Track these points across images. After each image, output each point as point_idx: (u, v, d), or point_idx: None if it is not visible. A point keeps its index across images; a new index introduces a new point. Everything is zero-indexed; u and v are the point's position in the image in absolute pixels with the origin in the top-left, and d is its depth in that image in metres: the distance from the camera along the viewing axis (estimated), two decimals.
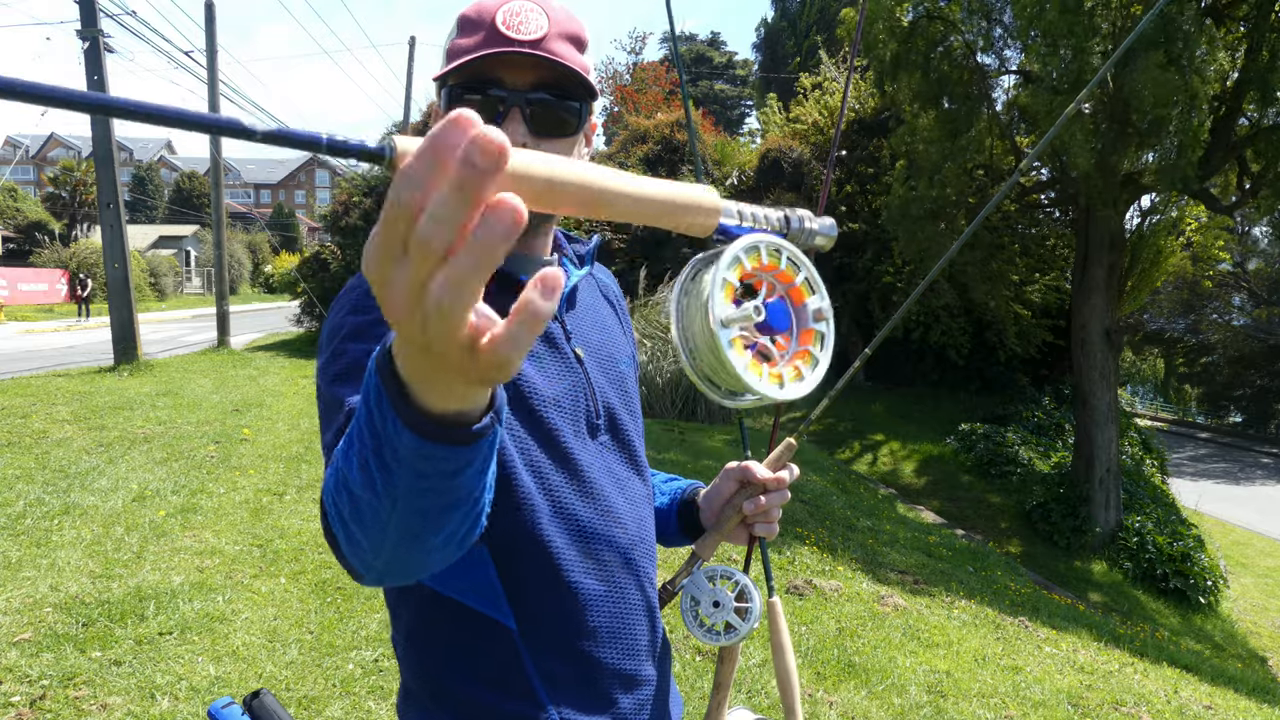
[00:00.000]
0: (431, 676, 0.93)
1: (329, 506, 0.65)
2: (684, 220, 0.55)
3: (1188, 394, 32.09)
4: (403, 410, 0.49)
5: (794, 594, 4.77)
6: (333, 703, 2.97)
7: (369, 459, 0.54)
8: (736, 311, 0.66)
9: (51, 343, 16.31)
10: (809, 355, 0.70)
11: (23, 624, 3.37)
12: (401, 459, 0.51)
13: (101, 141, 10.85)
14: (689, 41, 41.14)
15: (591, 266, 1.09)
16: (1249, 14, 9.42)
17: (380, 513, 0.57)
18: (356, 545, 0.63)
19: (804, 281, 0.71)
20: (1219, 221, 14.07)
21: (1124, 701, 4.11)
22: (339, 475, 0.61)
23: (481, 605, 0.90)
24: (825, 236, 0.69)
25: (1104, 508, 11.08)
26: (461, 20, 0.92)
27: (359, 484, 0.57)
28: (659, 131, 16.99)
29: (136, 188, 54.62)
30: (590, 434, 0.97)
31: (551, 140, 0.92)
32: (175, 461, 6.03)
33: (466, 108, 0.38)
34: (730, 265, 0.66)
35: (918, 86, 11.02)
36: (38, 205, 39.72)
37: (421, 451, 0.50)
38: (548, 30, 0.89)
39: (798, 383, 0.69)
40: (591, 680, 0.93)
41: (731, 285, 0.66)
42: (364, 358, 0.80)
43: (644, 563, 1.00)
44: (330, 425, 0.79)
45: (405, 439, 0.50)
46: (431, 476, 0.53)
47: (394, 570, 0.64)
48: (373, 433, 0.53)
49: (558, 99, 0.91)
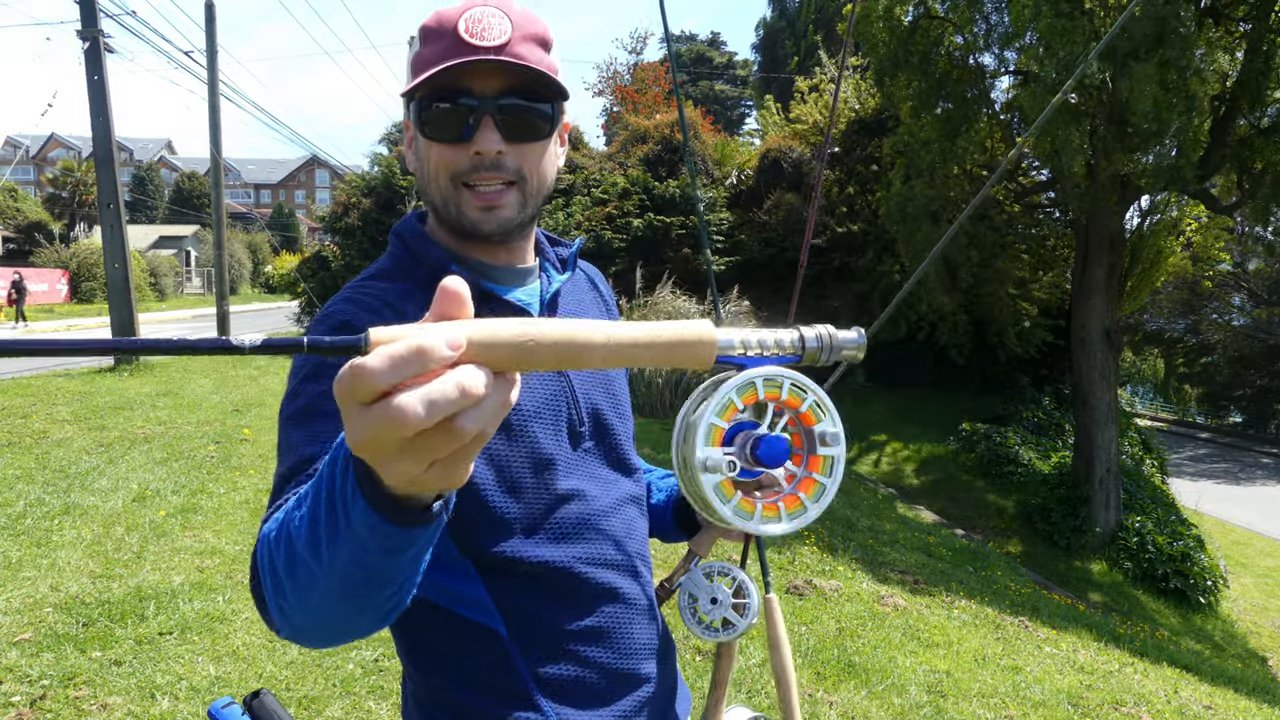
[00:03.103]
0: (431, 683, 0.94)
1: (262, 556, 0.67)
2: (677, 358, 0.54)
3: (1188, 394, 32.07)
4: (364, 485, 0.51)
5: (794, 594, 4.77)
6: (333, 703, 2.97)
7: (320, 517, 0.56)
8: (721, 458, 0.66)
9: None
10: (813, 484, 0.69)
11: (23, 624, 3.37)
12: (353, 526, 0.53)
13: (101, 142, 10.86)
14: (689, 41, 41.13)
15: (574, 270, 1.08)
16: (1249, 14, 9.42)
17: (315, 574, 0.59)
18: (282, 595, 0.64)
19: (811, 406, 0.69)
20: (1219, 221, 14.06)
21: (1124, 701, 4.11)
22: (284, 527, 0.63)
23: (472, 614, 0.91)
24: (853, 349, 0.66)
25: (1104, 508, 11.08)
26: (423, 31, 0.90)
27: (304, 540, 0.59)
28: (659, 132, 16.98)
29: (136, 188, 54.63)
30: (573, 441, 0.97)
31: (525, 144, 0.91)
32: (175, 461, 6.04)
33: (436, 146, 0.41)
34: (720, 409, 0.65)
35: (916, 86, 11.03)
36: (38, 205, 39.74)
37: (370, 523, 0.52)
38: (511, 34, 0.88)
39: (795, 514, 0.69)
40: (589, 681, 0.94)
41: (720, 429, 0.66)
42: (319, 400, 0.81)
43: (635, 563, 1.01)
44: (283, 461, 0.81)
45: (359, 509, 0.52)
46: (373, 552, 0.55)
47: (310, 629, 0.66)
48: (330, 493, 0.55)
49: (528, 103, 0.90)
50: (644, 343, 0.53)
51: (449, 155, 0.90)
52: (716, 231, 15.41)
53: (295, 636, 0.68)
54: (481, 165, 0.90)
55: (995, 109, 11.64)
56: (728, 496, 0.67)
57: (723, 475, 0.66)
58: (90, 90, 10.63)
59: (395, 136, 18.15)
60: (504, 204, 0.92)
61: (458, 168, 0.90)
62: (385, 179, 15.76)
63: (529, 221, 0.97)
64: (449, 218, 0.93)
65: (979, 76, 11.18)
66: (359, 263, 15.09)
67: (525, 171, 0.92)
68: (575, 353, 0.50)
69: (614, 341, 0.51)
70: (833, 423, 0.69)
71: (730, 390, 0.66)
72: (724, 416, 0.66)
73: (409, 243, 0.98)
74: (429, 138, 0.91)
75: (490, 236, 0.94)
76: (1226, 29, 9.62)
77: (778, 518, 0.68)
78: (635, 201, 15.28)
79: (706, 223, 14.97)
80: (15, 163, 46.75)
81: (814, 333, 0.65)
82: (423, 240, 0.98)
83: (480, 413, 0.45)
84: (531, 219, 0.98)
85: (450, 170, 0.91)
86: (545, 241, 1.08)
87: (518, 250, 1.01)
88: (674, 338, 0.54)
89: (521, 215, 0.94)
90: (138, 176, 56.81)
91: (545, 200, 0.99)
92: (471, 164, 0.90)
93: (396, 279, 0.96)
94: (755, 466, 0.69)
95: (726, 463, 0.66)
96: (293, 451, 0.80)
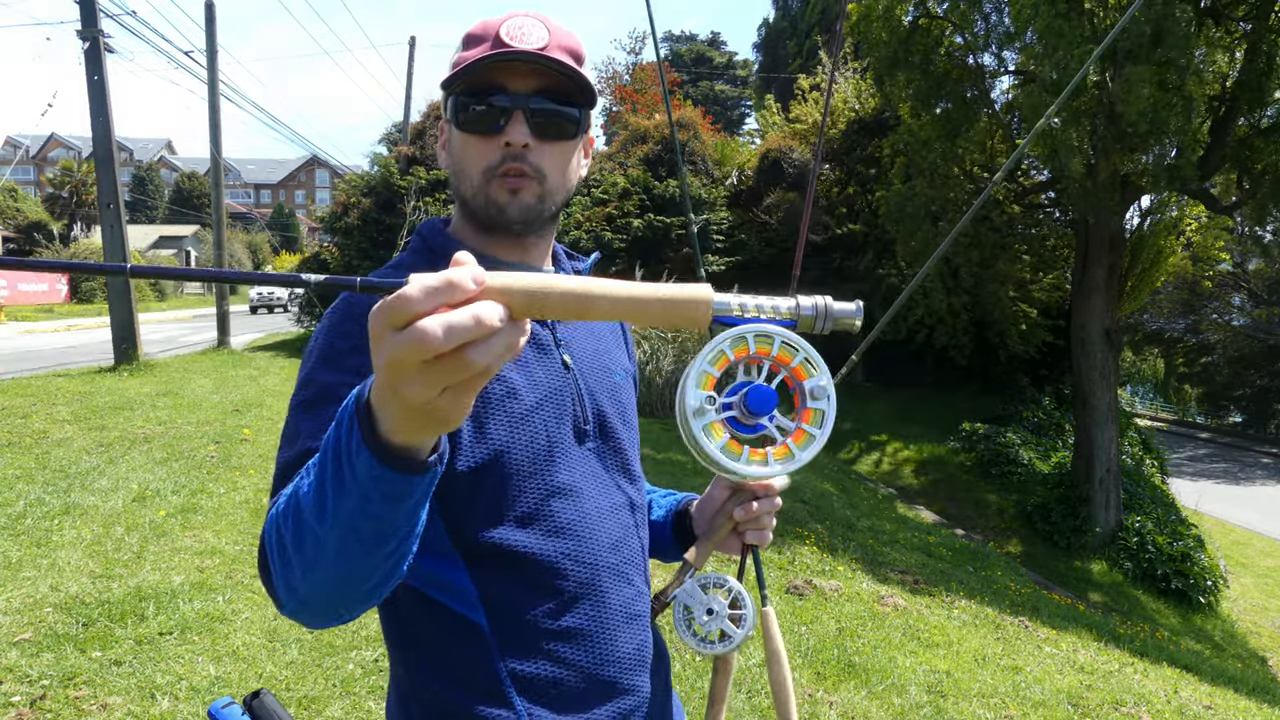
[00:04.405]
0: (411, 674, 0.94)
1: (270, 534, 0.72)
2: (675, 315, 0.59)
3: (1188, 394, 32.08)
4: (368, 436, 0.58)
5: (794, 594, 4.77)
6: (333, 703, 2.97)
7: (327, 477, 0.62)
8: (707, 401, 0.69)
9: (51, 343, 16.32)
10: (803, 434, 0.72)
11: (23, 624, 3.37)
12: (357, 476, 0.59)
13: (101, 142, 10.86)
14: (689, 41, 41.13)
15: None
16: (1249, 14, 9.42)
17: (320, 539, 0.65)
18: (288, 567, 0.69)
19: (802, 362, 0.72)
20: (1219, 221, 14.06)
21: (1124, 701, 4.11)
22: (291, 499, 0.68)
23: (457, 605, 0.92)
24: (849, 319, 0.68)
25: (1104, 508, 11.08)
26: (467, 37, 0.98)
27: (310, 505, 0.65)
28: (659, 132, 16.97)
29: (136, 188, 54.65)
30: (578, 438, 0.98)
31: (552, 143, 0.96)
32: (175, 461, 6.03)
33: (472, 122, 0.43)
34: (712, 358, 0.68)
35: (916, 86, 11.02)
36: (38, 205, 39.73)
37: (374, 473, 0.58)
38: (548, 41, 0.94)
39: (784, 460, 0.71)
40: (566, 683, 0.93)
41: (711, 376, 0.68)
42: (332, 388, 0.85)
43: (627, 568, 1.00)
44: (288, 447, 0.85)
45: (363, 458, 0.58)
46: (375, 500, 0.60)
47: (314, 600, 0.71)
48: (335, 451, 0.61)
49: (559, 104, 0.96)
50: (646, 298, 0.57)
51: (482, 148, 0.96)
52: (716, 231, 15.41)
53: (300, 610, 0.73)
54: (509, 156, 0.94)
55: (995, 109, 11.64)
56: (716, 437, 0.69)
57: (712, 417, 0.69)
58: (90, 90, 10.63)
59: (395, 137, 18.14)
60: (526, 189, 0.96)
61: (489, 161, 0.95)
62: (384, 179, 15.76)
63: (550, 218, 1.01)
64: (478, 207, 0.98)
65: (979, 76, 11.18)
66: (358, 263, 15.08)
67: (546, 169, 0.96)
68: (582, 304, 0.55)
69: (618, 295, 0.56)
70: (822, 377, 0.71)
71: (723, 341, 0.69)
72: (716, 365, 0.69)
73: (429, 240, 1.04)
74: (463, 130, 0.96)
75: (513, 223, 0.97)
76: (1226, 29, 9.61)
77: (765, 461, 0.71)
78: (635, 201, 15.28)
79: (706, 221, 14.97)
80: (15, 163, 46.74)
81: (810, 300, 0.68)
82: (443, 237, 1.03)
83: (489, 346, 0.51)
84: (552, 217, 1.01)
85: (483, 164, 0.96)
86: (562, 254, 1.12)
87: (535, 251, 1.03)
88: (673, 296, 0.58)
89: (541, 207, 0.97)
90: (138, 176, 56.84)
91: (565, 204, 1.02)
92: (502, 156, 0.94)
93: (417, 269, 0.97)
94: (749, 418, 0.72)
95: (718, 405, 0.68)
96: (298, 440, 0.84)
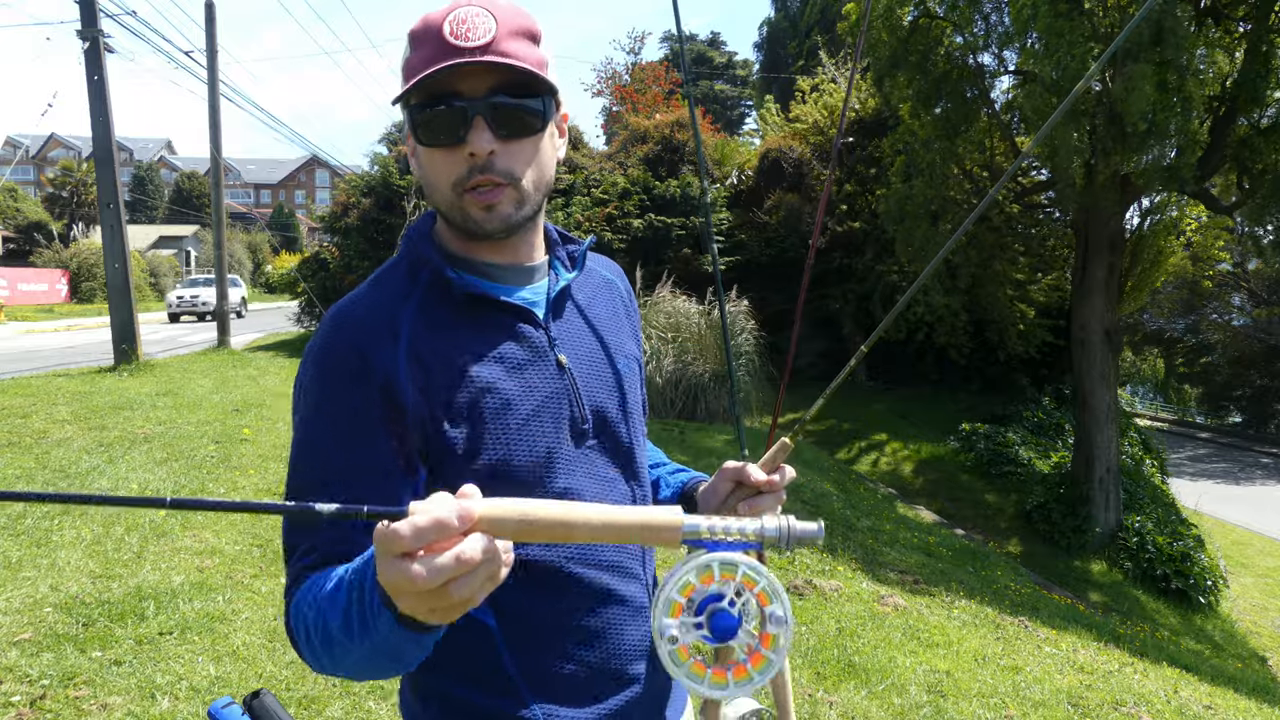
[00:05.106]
0: (421, 671, 0.95)
1: (297, 626, 0.83)
2: (650, 537, 0.70)
3: (1188, 394, 32.08)
4: (389, 605, 0.67)
5: (794, 594, 4.77)
6: (333, 703, 2.97)
7: (353, 616, 0.73)
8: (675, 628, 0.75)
9: (51, 343, 16.32)
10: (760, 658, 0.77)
11: (23, 624, 3.37)
12: (379, 629, 0.70)
13: (101, 142, 10.85)
14: (689, 41, 41.15)
15: (583, 268, 1.08)
16: (1248, 14, 9.41)
17: (348, 649, 0.76)
18: (317, 657, 0.81)
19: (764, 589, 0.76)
20: (1219, 221, 14.06)
21: (1124, 701, 4.11)
22: (320, 615, 0.78)
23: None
24: (811, 540, 0.76)
25: (1104, 508, 11.07)
26: (411, 37, 0.91)
27: (338, 627, 0.75)
28: (659, 132, 16.98)
29: (136, 188, 54.62)
30: (577, 440, 0.98)
31: (519, 140, 0.91)
32: (175, 461, 6.04)
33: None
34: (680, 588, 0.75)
35: (916, 86, 11.02)
36: (38, 205, 39.73)
37: (393, 629, 0.69)
38: (496, 31, 0.88)
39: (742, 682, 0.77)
40: (577, 678, 0.95)
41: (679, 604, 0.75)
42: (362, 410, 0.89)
43: (632, 563, 1.01)
44: (310, 472, 0.90)
45: (384, 618, 0.69)
46: (396, 642, 0.71)
47: (346, 677, 0.84)
48: (360, 602, 0.72)
49: (518, 100, 0.90)
50: (623, 524, 0.69)
51: (447, 161, 0.91)
52: (717, 232, 15.41)
53: (331, 675, 0.85)
54: (477, 169, 0.90)
55: (995, 109, 11.63)
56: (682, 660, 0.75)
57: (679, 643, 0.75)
58: (90, 90, 10.62)
59: (395, 136, 18.11)
60: (501, 201, 0.91)
61: (456, 175, 0.90)
62: (384, 179, 15.75)
63: (532, 217, 0.97)
64: (454, 221, 0.95)
65: (979, 76, 11.17)
66: (358, 263, 15.07)
67: (517, 171, 0.91)
68: (566, 529, 0.67)
69: (598, 521, 0.68)
70: (780, 606, 0.76)
71: (689, 571, 0.75)
72: (683, 593, 0.75)
73: (415, 247, 0.99)
74: (425, 144, 0.91)
75: (493, 235, 0.94)
76: (1226, 29, 9.61)
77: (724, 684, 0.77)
78: (635, 202, 15.28)
79: (710, 223, 14.97)
80: (15, 163, 46.75)
81: (775, 523, 0.75)
82: (425, 242, 0.98)
83: (469, 581, 0.63)
84: (534, 215, 0.97)
85: (451, 178, 0.91)
86: (556, 237, 1.08)
87: (524, 247, 1.01)
88: (647, 521, 0.70)
89: (521, 212, 0.94)
90: (138, 176, 56.80)
91: (547, 194, 0.98)
92: (469, 169, 0.90)
93: (401, 285, 0.97)
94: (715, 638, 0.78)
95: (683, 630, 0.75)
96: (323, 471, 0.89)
